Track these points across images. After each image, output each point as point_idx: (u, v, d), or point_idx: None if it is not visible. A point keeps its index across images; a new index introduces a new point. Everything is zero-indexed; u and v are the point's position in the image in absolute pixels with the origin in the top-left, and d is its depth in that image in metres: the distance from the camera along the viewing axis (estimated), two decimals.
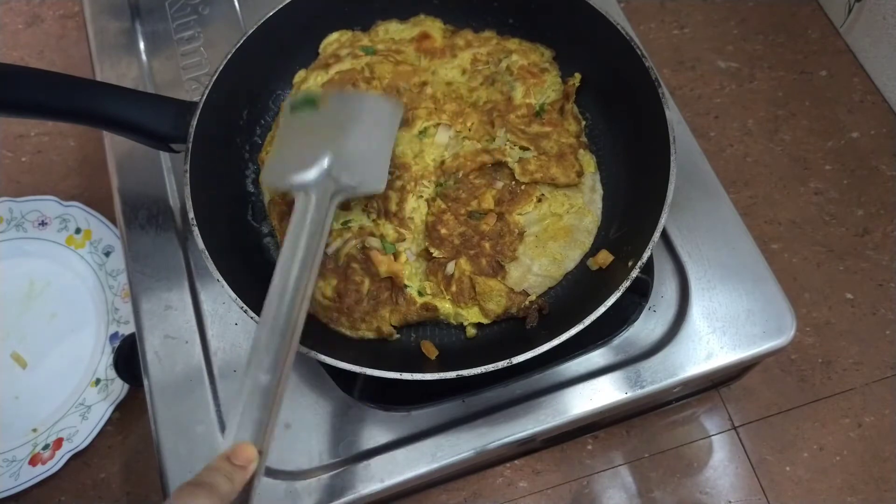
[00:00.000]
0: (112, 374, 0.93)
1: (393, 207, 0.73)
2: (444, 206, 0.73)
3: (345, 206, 0.74)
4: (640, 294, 0.75)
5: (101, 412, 0.91)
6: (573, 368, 0.72)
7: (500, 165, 0.75)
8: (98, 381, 0.93)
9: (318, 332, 0.71)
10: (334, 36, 0.85)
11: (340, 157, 0.67)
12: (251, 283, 0.69)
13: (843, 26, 1.11)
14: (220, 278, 0.64)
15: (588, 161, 0.77)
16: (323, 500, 0.68)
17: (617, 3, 0.90)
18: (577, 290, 0.73)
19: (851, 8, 1.08)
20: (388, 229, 0.73)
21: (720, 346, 0.71)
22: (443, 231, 0.72)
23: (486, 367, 0.60)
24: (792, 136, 1.06)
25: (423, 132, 0.77)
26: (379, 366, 0.62)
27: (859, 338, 0.93)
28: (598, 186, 0.77)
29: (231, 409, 0.51)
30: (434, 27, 0.85)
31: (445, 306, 0.71)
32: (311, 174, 0.65)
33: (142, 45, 0.95)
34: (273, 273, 0.58)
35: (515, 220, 0.73)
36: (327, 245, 0.72)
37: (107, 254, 1.01)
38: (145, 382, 0.75)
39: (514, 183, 0.74)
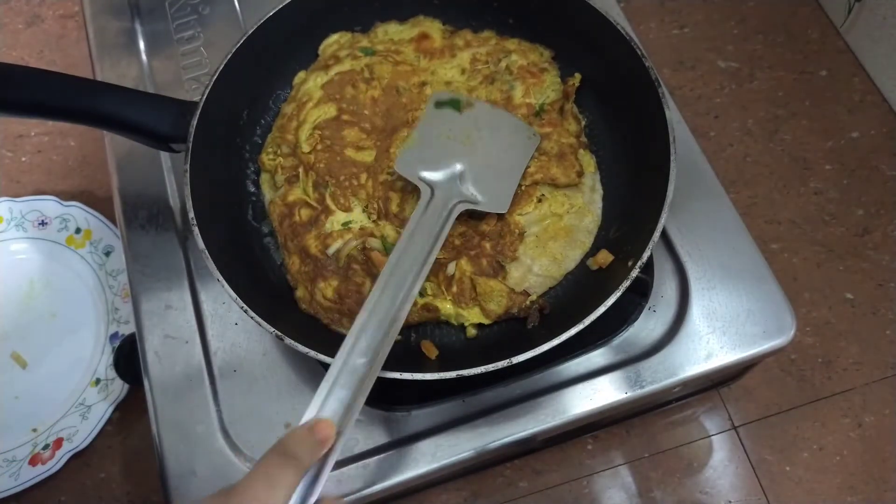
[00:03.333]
0: (112, 374, 0.93)
1: (394, 208, 0.73)
2: None
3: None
4: (640, 294, 0.75)
5: (101, 412, 0.91)
6: (573, 368, 0.72)
7: None
8: (98, 381, 0.93)
9: (319, 333, 0.71)
10: (334, 37, 0.85)
11: (473, 167, 0.70)
12: (251, 283, 0.69)
13: (843, 26, 1.11)
14: (220, 278, 0.64)
15: (588, 161, 0.77)
16: None
17: (617, 3, 0.90)
18: (578, 289, 0.73)
19: (851, 8, 1.08)
20: (389, 230, 0.73)
21: (720, 346, 0.71)
22: None
23: (486, 367, 0.60)
24: (792, 136, 1.06)
25: None
26: None
27: (859, 338, 0.93)
28: (598, 186, 0.77)
29: (321, 384, 0.53)
30: (433, 28, 0.85)
31: (446, 307, 0.71)
32: (442, 173, 0.69)
33: (142, 45, 0.95)
34: (387, 261, 0.61)
35: (516, 221, 0.73)
36: (327, 246, 0.72)
37: (107, 254, 1.01)
38: (145, 382, 0.75)
39: None
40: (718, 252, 0.75)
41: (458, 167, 0.69)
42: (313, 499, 0.48)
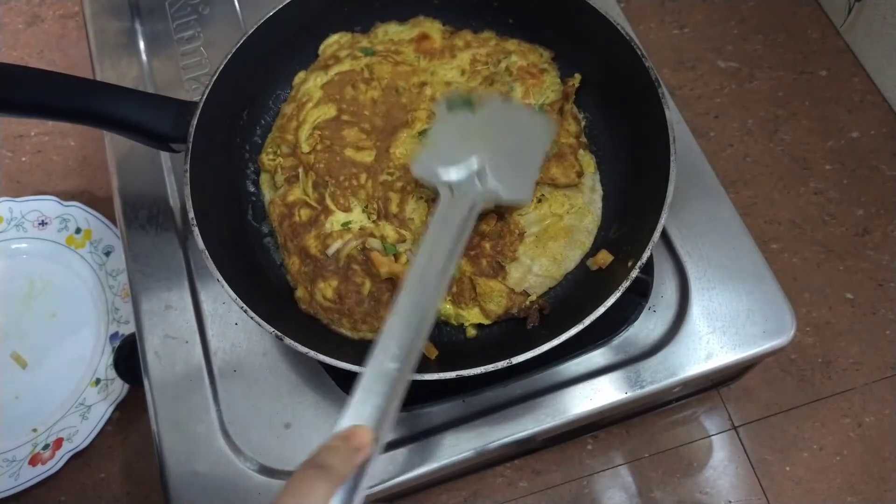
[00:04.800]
0: (112, 374, 0.93)
1: (394, 208, 0.73)
2: None
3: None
4: (640, 294, 0.75)
5: (101, 412, 0.91)
6: (573, 368, 0.72)
7: None
8: (98, 381, 0.93)
9: (319, 333, 0.71)
10: (334, 38, 0.86)
11: (491, 162, 0.68)
12: (251, 283, 0.69)
13: (843, 26, 1.11)
14: (220, 278, 0.64)
15: (588, 161, 0.77)
16: None
17: (617, 3, 0.90)
18: (577, 290, 0.73)
19: (851, 8, 1.08)
20: (389, 230, 0.73)
21: (720, 346, 0.71)
22: None
23: (486, 367, 0.60)
24: (792, 136, 1.06)
25: (423, 133, 0.77)
26: None
27: (859, 338, 0.93)
28: (598, 186, 0.77)
29: (355, 392, 0.51)
30: (433, 28, 0.85)
31: (446, 307, 0.71)
32: (460, 172, 0.67)
33: (142, 45, 0.95)
34: (412, 264, 0.59)
35: (515, 221, 0.73)
36: (327, 246, 0.72)
37: (107, 254, 1.01)
38: (145, 382, 0.75)
39: None
40: (718, 252, 0.75)
41: (476, 164, 0.67)
42: None
